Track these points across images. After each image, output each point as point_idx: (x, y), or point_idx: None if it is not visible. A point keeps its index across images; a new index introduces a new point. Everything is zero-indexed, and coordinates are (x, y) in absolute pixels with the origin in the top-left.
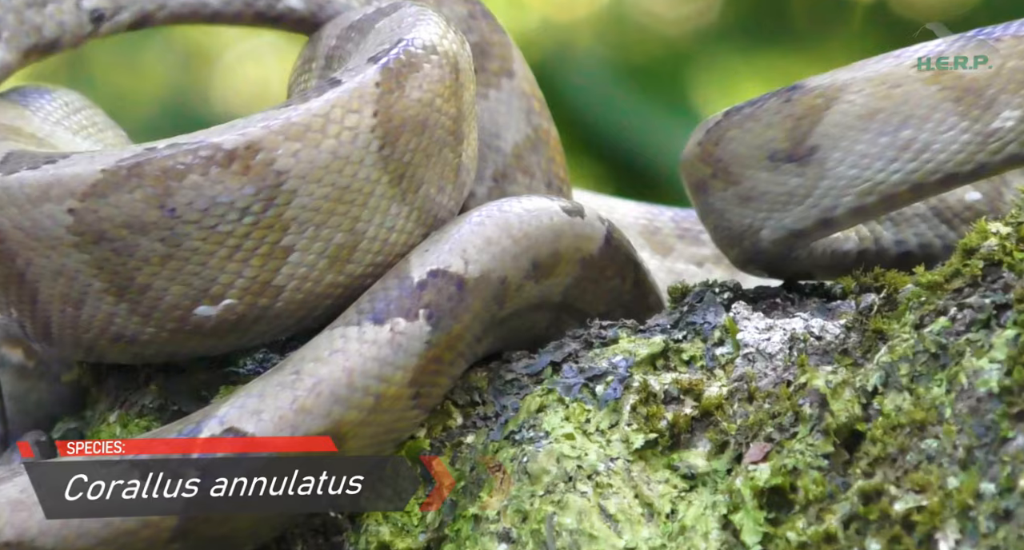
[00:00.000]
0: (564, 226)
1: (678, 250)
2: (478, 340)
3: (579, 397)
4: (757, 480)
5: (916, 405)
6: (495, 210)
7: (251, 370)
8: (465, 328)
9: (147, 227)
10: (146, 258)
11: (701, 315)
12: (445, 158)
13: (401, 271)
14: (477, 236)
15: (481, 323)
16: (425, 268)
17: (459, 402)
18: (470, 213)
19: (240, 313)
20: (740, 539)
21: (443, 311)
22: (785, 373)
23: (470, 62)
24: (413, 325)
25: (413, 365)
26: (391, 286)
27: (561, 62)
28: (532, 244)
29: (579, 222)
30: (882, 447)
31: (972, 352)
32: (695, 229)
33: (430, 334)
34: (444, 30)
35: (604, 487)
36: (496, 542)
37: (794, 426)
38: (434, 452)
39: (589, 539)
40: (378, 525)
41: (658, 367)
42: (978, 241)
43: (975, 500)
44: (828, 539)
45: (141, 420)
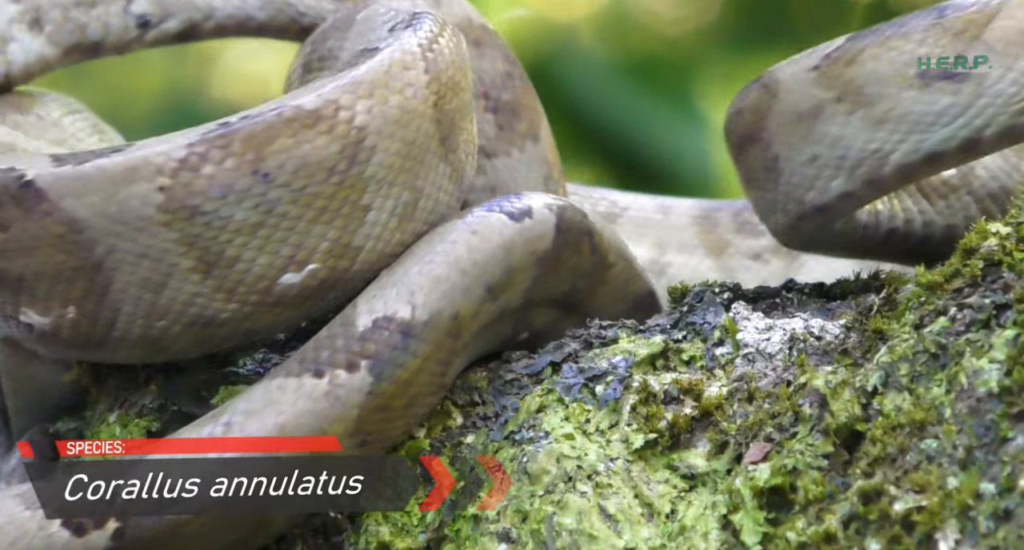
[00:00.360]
0: (514, 237)
1: (734, 245)
2: (442, 373)
3: (579, 397)
4: (757, 480)
5: (916, 405)
6: (444, 243)
7: (251, 370)
8: (415, 372)
9: (241, 195)
10: (238, 229)
11: (701, 315)
12: (468, 127)
13: (347, 317)
14: (425, 277)
15: (436, 361)
16: (371, 316)
17: (459, 402)
18: (417, 249)
19: (321, 279)
20: (740, 539)
21: (387, 361)
22: (785, 373)
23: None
24: (354, 377)
25: (354, 416)
26: (336, 334)
27: (561, 61)
28: (483, 271)
29: (529, 225)
30: (882, 447)
31: (972, 352)
32: (754, 221)
33: (373, 385)
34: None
35: (604, 487)
36: (496, 542)
37: (794, 426)
38: (434, 452)
39: (589, 539)
40: (378, 525)
41: (658, 367)
42: (978, 241)
43: (975, 500)
44: (828, 539)
45: (141, 420)
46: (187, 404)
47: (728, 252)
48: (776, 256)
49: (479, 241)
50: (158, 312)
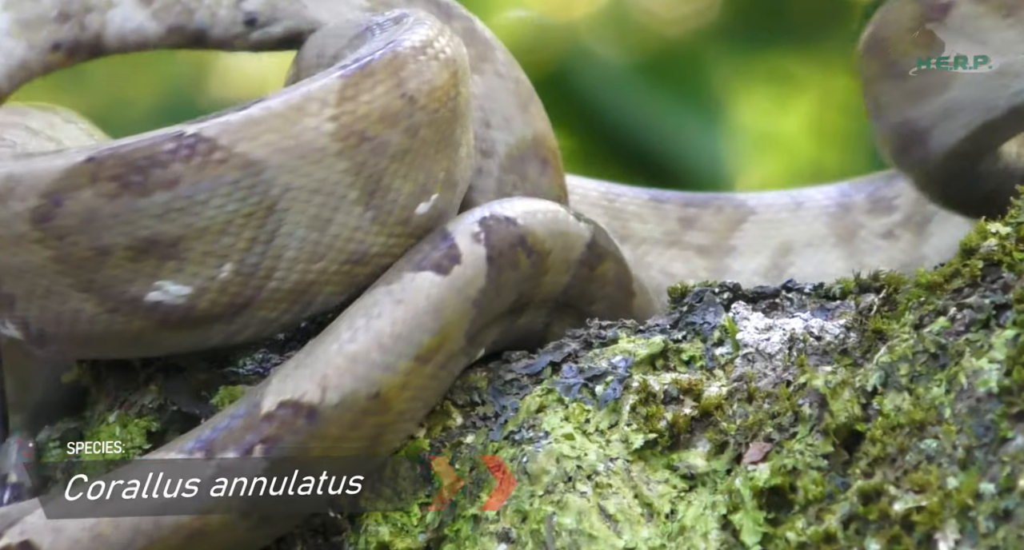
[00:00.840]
0: (444, 295)
1: (867, 227)
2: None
3: (579, 397)
4: (757, 480)
5: (916, 405)
6: (366, 317)
7: (251, 370)
8: (318, 458)
9: (396, 118)
10: (394, 155)
11: (701, 315)
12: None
13: (255, 396)
14: (341, 356)
15: (356, 438)
16: (277, 397)
17: (458, 402)
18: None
19: (440, 210)
20: (740, 539)
21: (286, 446)
22: (785, 373)
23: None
24: (245, 462)
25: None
26: (240, 412)
27: (565, 60)
28: (409, 342)
29: (459, 273)
30: (882, 447)
31: (972, 352)
32: (888, 197)
33: (266, 471)
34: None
35: (604, 487)
36: (496, 542)
37: (794, 426)
38: (433, 452)
39: (589, 539)
40: (378, 525)
41: (658, 367)
42: (978, 241)
43: (975, 500)
44: (828, 539)
45: (141, 420)
46: (187, 404)
47: (859, 236)
48: (906, 229)
49: (403, 312)
50: (320, 252)
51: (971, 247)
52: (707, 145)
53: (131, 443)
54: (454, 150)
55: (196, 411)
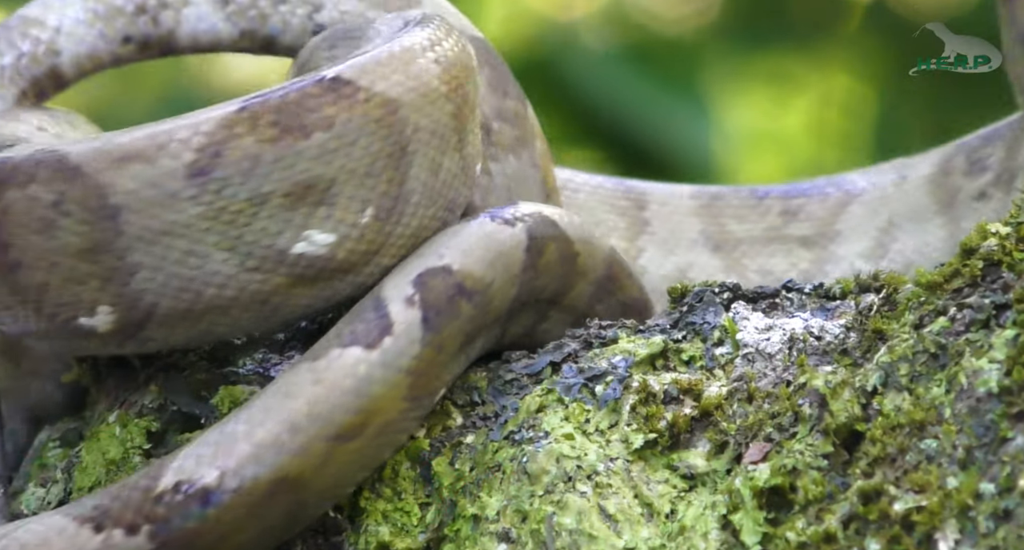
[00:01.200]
0: (373, 372)
1: (964, 189)
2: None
3: (579, 397)
4: (757, 480)
5: (916, 405)
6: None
7: (250, 370)
8: (215, 542)
9: (471, 71)
10: (473, 104)
11: (700, 315)
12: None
13: (154, 472)
14: (247, 441)
15: (253, 526)
16: (176, 476)
17: (458, 402)
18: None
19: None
20: (740, 539)
21: (175, 532)
22: (785, 373)
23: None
24: (130, 541)
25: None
26: (137, 489)
27: (562, 56)
28: (327, 422)
29: (389, 345)
30: (881, 447)
31: (972, 352)
32: (983, 159)
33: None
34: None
35: (604, 487)
36: (496, 542)
37: (794, 426)
38: (433, 452)
39: (589, 539)
40: (378, 525)
41: (658, 367)
42: (978, 241)
43: (975, 500)
44: (828, 539)
45: (141, 420)
46: (187, 404)
47: (958, 199)
48: (997, 188)
49: (324, 391)
50: (432, 197)
51: (971, 247)
52: (707, 144)
53: (131, 443)
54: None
55: (196, 411)
